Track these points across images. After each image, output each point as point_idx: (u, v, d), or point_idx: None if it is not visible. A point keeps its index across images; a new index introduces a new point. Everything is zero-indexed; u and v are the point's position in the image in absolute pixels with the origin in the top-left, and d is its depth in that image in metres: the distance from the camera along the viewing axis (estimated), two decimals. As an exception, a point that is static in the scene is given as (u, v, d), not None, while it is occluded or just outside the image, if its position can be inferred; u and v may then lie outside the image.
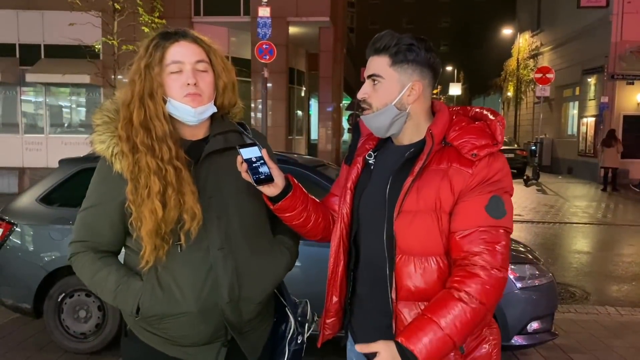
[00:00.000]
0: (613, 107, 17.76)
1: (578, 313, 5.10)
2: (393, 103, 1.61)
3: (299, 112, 21.29)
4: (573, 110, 22.29)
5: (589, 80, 19.68)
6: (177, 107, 1.61)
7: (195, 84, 1.59)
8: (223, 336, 1.67)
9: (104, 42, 12.50)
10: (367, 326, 1.70)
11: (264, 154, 1.59)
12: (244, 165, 1.57)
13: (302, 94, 21.53)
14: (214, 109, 1.67)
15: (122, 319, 1.77)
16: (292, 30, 16.93)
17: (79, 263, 1.68)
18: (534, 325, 3.75)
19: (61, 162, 4.36)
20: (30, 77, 15.16)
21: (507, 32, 31.26)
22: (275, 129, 16.45)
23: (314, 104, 23.23)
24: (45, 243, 4.13)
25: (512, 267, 3.72)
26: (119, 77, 12.31)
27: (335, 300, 1.76)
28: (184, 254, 1.59)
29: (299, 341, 1.83)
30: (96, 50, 12.93)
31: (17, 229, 4.13)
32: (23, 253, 4.18)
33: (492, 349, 1.62)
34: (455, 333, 1.44)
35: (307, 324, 1.88)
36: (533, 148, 18.98)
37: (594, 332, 4.64)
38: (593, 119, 19.04)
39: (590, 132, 19.26)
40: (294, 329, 1.83)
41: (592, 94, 19.54)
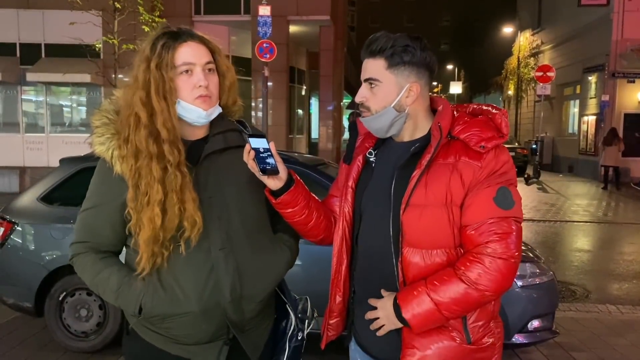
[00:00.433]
0: (614, 105, 17.74)
1: (579, 311, 5.11)
2: (392, 105, 1.61)
3: (300, 111, 21.28)
4: (574, 109, 22.28)
5: (589, 78, 19.66)
6: (187, 108, 1.60)
7: (206, 85, 1.59)
8: (225, 335, 1.67)
9: (105, 41, 12.49)
10: (370, 325, 1.70)
11: (272, 146, 1.60)
12: (252, 153, 1.57)
13: (303, 93, 21.51)
14: (220, 110, 1.67)
15: (123, 317, 1.77)
16: (292, 29, 16.92)
17: (80, 264, 1.68)
18: (535, 324, 3.75)
19: (62, 161, 4.37)
20: (30, 77, 15.16)
21: (507, 30, 31.22)
22: (276, 127, 16.45)
23: (314, 103, 23.21)
24: (46, 242, 4.14)
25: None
26: (120, 76, 12.30)
27: (339, 300, 1.76)
28: (186, 255, 1.59)
29: (299, 337, 1.84)
30: (97, 50, 12.93)
31: (18, 228, 4.14)
32: (24, 252, 4.19)
33: (497, 342, 1.65)
34: (446, 307, 1.51)
35: (307, 321, 1.88)
36: (534, 146, 18.96)
37: (595, 330, 4.64)
38: (594, 118, 19.03)
39: (591, 131, 19.24)
40: (294, 325, 1.83)
41: (592, 92, 19.52)
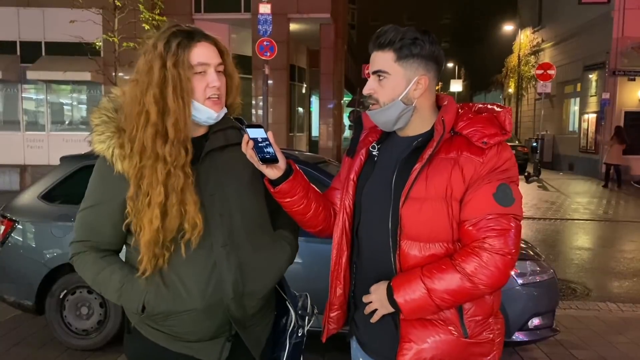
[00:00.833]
0: (614, 103, 17.73)
1: (579, 309, 5.10)
2: (400, 98, 1.61)
3: (300, 109, 21.28)
4: (574, 107, 22.26)
5: (590, 76, 19.64)
6: (199, 109, 1.60)
7: (219, 87, 1.60)
8: (227, 331, 1.67)
9: (105, 39, 12.48)
10: (371, 324, 1.69)
11: (269, 135, 1.60)
12: (251, 143, 1.57)
13: (303, 91, 21.51)
14: (226, 110, 1.68)
15: (124, 315, 1.77)
16: (292, 26, 16.91)
17: (80, 263, 1.67)
18: (535, 322, 3.75)
19: (62, 159, 4.37)
20: (31, 75, 15.18)
21: (508, 28, 31.18)
22: (276, 125, 16.45)
23: (314, 101, 23.21)
24: (47, 240, 4.14)
25: (514, 263, 3.72)
26: (120, 74, 12.30)
27: (339, 293, 1.76)
28: (188, 252, 1.58)
29: (299, 334, 1.84)
30: (97, 48, 12.93)
31: (19, 226, 4.14)
32: (25, 250, 4.19)
33: (496, 338, 1.65)
34: (438, 295, 1.51)
35: (307, 317, 1.88)
36: (534, 144, 18.97)
37: (595, 328, 4.64)
38: (594, 116, 19.01)
39: (592, 129, 19.23)
40: (294, 322, 1.84)
41: (593, 90, 19.51)
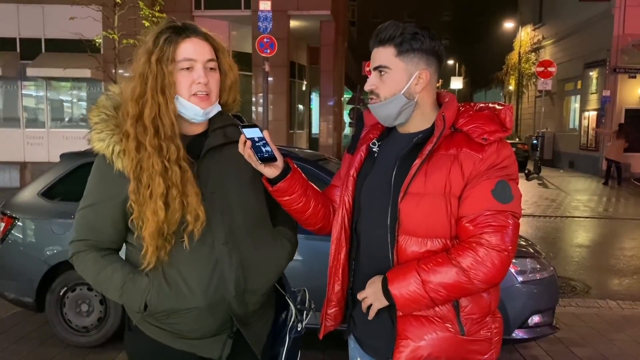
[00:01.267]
0: (615, 100, 17.71)
1: (579, 307, 5.11)
2: (402, 92, 1.61)
3: (300, 106, 21.26)
4: (575, 104, 22.24)
5: (590, 73, 19.61)
6: (185, 105, 1.59)
7: (206, 83, 1.58)
8: (229, 328, 1.68)
9: (105, 36, 12.46)
10: (368, 321, 1.69)
11: (265, 134, 1.60)
12: (248, 143, 1.57)
13: (303, 88, 21.48)
14: (219, 108, 1.67)
15: (124, 313, 1.76)
16: (293, 23, 16.88)
17: (81, 262, 1.67)
18: (535, 319, 3.75)
19: (62, 156, 4.36)
20: (31, 72, 15.14)
21: (508, 25, 31.12)
22: (277, 123, 16.44)
23: (315, 98, 23.18)
24: (47, 237, 4.14)
25: (514, 261, 3.71)
26: (120, 71, 12.28)
27: (337, 289, 1.76)
28: (189, 250, 1.58)
29: (299, 329, 1.85)
30: (97, 45, 12.89)
31: (19, 223, 4.14)
32: (25, 247, 4.19)
33: (493, 336, 1.65)
34: (433, 289, 1.51)
35: (305, 312, 1.89)
36: (534, 142, 18.92)
37: (595, 325, 4.64)
38: (595, 113, 18.99)
39: (592, 126, 19.21)
40: (294, 317, 1.84)
41: (593, 87, 19.48)
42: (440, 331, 1.58)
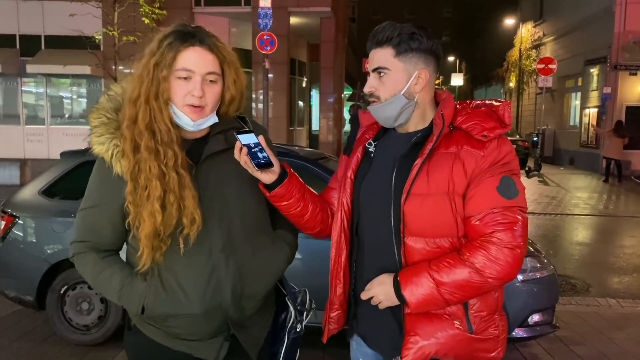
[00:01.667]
0: (615, 98, 17.68)
1: (579, 305, 5.11)
2: (402, 93, 1.61)
3: (300, 103, 21.23)
4: (575, 101, 22.22)
5: (591, 70, 19.59)
6: (177, 114, 1.57)
7: (201, 96, 1.54)
8: (226, 331, 1.67)
9: (105, 32, 12.43)
10: (372, 317, 1.70)
11: (261, 140, 1.59)
12: (244, 150, 1.56)
13: (304, 85, 21.46)
14: (215, 120, 1.63)
15: (124, 311, 1.77)
16: (293, 20, 16.85)
17: (81, 263, 1.67)
18: (535, 318, 3.75)
19: (63, 154, 4.36)
20: (30, 68, 15.14)
21: (509, 22, 31.08)
22: (277, 120, 16.42)
23: (315, 95, 23.15)
24: (47, 235, 4.14)
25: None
26: (120, 68, 12.26)
27: (339, 292, 1.76)
28: (187, 256, 1.57)
29: (298, 329, 1.85)
30: (96, 41, 12.88)
31: (19, 221, 4.14)
32: (25, 245, 4.19)
33: (500, 334, 1.65)
34: (446, 290, 1.51)
35: (305, 312, 1.88)
36: (535, 139, 18.89)
37: (595, 324, 4.64)
38: (595, 110, 18.98)
39: (593, 123, 19.19)
40: (293, 317, 1.84)
41: (594, 84, 19.46)
42: (449, 328, 1.57)
